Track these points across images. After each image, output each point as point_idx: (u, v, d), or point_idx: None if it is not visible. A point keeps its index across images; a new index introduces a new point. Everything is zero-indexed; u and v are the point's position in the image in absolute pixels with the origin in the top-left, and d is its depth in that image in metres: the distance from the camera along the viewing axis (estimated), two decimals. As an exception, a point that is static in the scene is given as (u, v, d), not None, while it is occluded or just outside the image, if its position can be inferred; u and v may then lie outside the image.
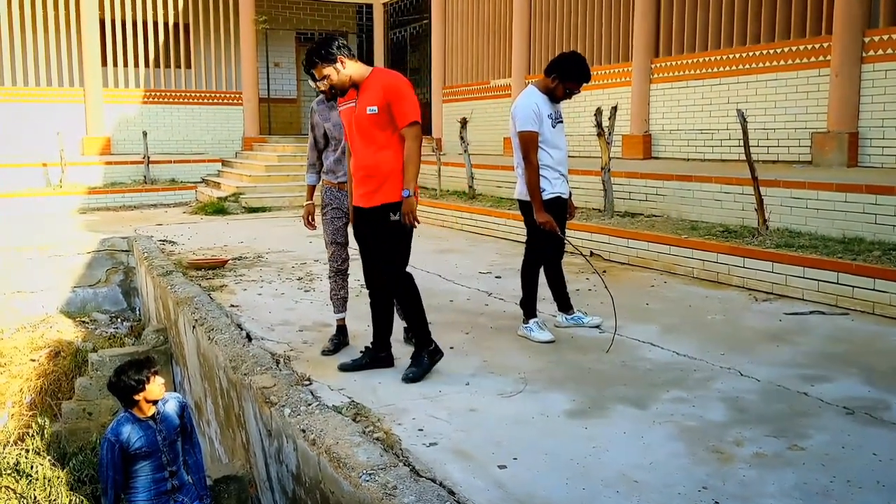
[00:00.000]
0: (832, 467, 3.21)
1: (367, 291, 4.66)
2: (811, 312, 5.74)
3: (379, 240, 4.40)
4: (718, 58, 10.30)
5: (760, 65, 9.70)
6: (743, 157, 7.23)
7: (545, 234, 5.02)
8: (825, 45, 8.91)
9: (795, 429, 3.61)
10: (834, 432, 3.57)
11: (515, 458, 3.32)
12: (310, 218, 5.21)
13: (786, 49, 9.42)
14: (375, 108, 4.22)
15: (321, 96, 5.08)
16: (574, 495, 3.00)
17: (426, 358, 4.43)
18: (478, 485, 3.08)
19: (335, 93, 4.41)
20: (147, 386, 3.97)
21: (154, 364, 4.13)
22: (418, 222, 4.29)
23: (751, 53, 9.82)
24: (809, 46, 9.14)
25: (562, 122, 5.18)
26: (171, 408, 4.17)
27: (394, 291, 4.50)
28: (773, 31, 9.68)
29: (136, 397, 3.98)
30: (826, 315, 5.67)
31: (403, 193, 4.20)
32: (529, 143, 4.98)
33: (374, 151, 4.28)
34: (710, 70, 10.42)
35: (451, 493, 3.02)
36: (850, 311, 5.71)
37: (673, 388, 4.19)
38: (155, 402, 4.05)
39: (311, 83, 4.93)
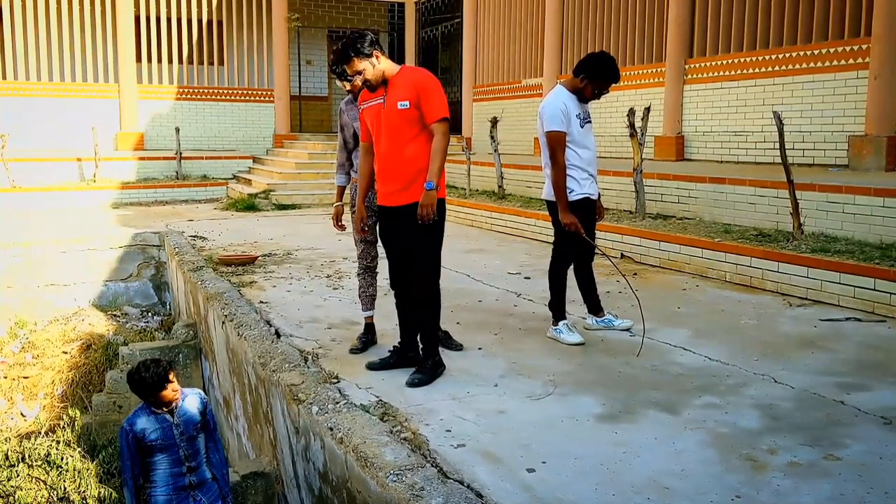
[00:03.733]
0: (869, 478, 3.14)
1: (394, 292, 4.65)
2: (847, 319, 5.63)
3: (408, 240, 4.37)
4: (754, 59, 10.15)
5: (797, 66, 9.55)
6: (777, 160, 7.12)
7: (571, 235, 4.98)
8: (864, 46, 8.75)
9: (831, 438, 3.54)
10: (871, 442, 3.49)
11: (544, 462, 3.28)
12: (339, 219, 5.20)
13: (823, 51, 9.26)
14: (407, 103, 4.19)
15: (349, 97, 5.08)
16: (603, 501, 2.96)
17: (431, 365, 4.40)
18: (506, 488, 3.05)
19: (369, 85, 4.36)
20: (160, 393, 3.97)
21: (170, 369, 4.08)
22: (434, 217, 4.18)
23: (787, 55, 9.67)
24: (847, 48, 8.98)
25: (590, 122, 5.13)
26: (191, 403, 4.14)
27: (419, 295, 4.44)
28: (810, 32, 9.52)
29: (150, 398, 4.00)
30: (862, 322, 5.56)
31: (427, 186, 4.14)
32: (556, 144, 4.93)
33: (402, 148, 4.26)
34: (745, 71, 10.28)
35: (479, 495, 2.99)
36: (887, 319, 5.60)
37: (705, 394, 4.12)
38: (168, 404, 4.04)
39: (339, 82, 4.92)
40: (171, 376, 4.02)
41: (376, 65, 4.25)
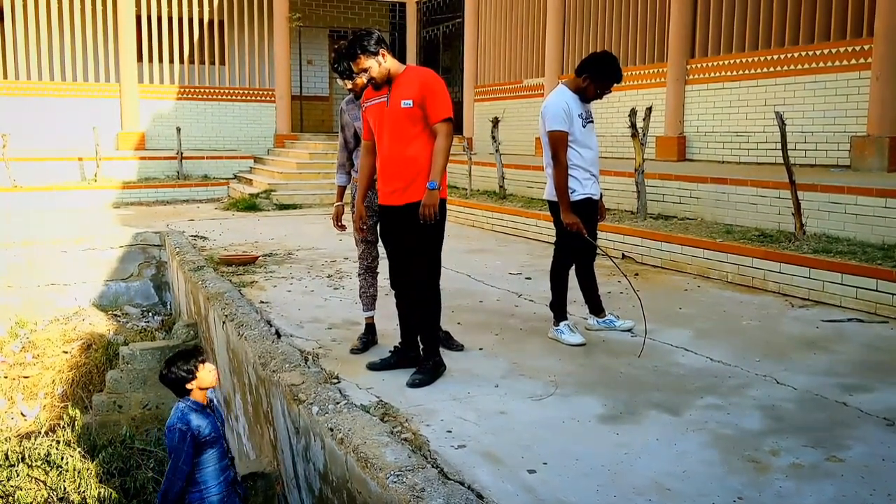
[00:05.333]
0: (872, 480, 3.12)
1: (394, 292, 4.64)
2: (849, 320, 5.62)
3: (409, 239, 4.35)
4: (756, 59, 10.14)
5: (799, 67, 9.54)
6: (779, 160, 7.10)
7: (573, 235, 4.96)
8: (866, 47, 8.73)
9: (834, 439, 3.53)
10: (874, 444, 3.48)
11: (545, 463, 3.27)
12: (339, 219, 5.19)
13: (825, 51, 9.25)
14: (411, 102, 4.19)
15: (350, 96, 5.07)
16: (605, 502, 2.95)
17: (431, 366, 4.39)
18: (507, 489, 3.04)
19: (374, 84, 4.35)
20: (198, 374, 3.98)
21: (201, 353, 4.14)
22: (436, 218, 4.20)
23: (789, 55, 9.66)
24: (849, 48, 8.97)
25: (592, 121, 5.11)
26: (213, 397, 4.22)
27: (419, 295, 4.43)
28: (812, 32, 9.50)
29: (189, 386, 4.00)
30: (864, 323, 5.55)
31: (429, 186, 4.15)
32: (559, 143, 4.91)
33: (405, 147, 4.25)
34: (746, 71, 10.27)
35: (480, 496, 2.97)
36: (889, 320, 5.58)
37: (707, 395, 4.11)
38: (207, 390, 4.06)
39: (340, 81, 4.91)
40: (203, 359, 4.06)
41: (382, 63, 4.25)
